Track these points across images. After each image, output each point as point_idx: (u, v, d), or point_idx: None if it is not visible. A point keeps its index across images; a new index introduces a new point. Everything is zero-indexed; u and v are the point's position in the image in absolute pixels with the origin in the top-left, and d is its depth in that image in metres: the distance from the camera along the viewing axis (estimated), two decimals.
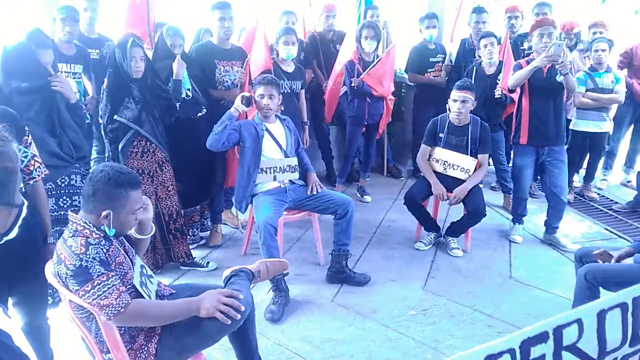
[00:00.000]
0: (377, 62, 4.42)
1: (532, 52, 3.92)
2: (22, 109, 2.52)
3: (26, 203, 1.12)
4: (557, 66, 3.50)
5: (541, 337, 1.29)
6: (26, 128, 2.11)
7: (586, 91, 4.55)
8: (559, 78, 3.61)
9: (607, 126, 4.76)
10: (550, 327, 1.32)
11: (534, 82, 3.70)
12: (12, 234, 1.10)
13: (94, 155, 4.16)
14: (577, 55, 5.06)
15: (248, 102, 3.31)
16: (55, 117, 2.71)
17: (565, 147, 4.98)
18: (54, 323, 2.33)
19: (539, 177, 4.34)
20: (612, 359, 1.42)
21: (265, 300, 3.09)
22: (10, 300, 2.11)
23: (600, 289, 2.50)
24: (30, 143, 2.11)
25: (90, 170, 2.29)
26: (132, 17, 4.00)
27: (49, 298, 2.67)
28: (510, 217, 4.25)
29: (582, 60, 5.01)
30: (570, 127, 4.85)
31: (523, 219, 4.14)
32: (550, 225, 4.01)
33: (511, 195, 4.40)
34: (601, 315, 1.39)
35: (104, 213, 1.81)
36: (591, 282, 2.47)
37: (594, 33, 4.92)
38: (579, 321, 1.35)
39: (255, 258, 3.45)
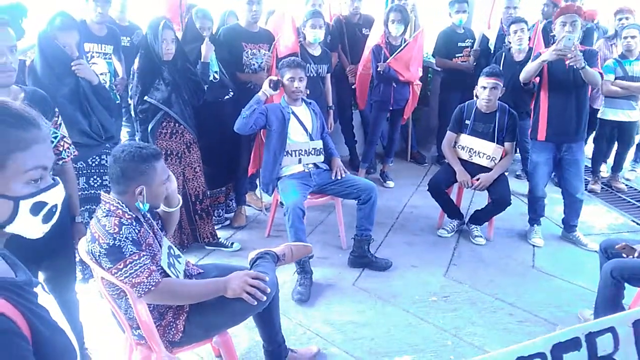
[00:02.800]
0: (404, 47, 4.38)
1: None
2: (55, 90, 2.57)
3: (29, 199, 1.04)
4: (568, 61, 3.26)
5: (573, 344, 1.27)
6: (56, 109, 2.14)
7: (615, 79, 4.44)
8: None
9: (636, 115, 4.65)
10: (581, 333, 1.30)
11: (554, 75, 3.50)
12: (12, 227, 1.03)
13: (125, 137, 4.23)
14: (603, 42, 4.93)
15: (276, 85, 3.32)
16: (83, 99, 2.76)
17: (593, 136, 4.95)
18: (83, 298, 2.42)
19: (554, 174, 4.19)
20: None
21: (288, 281, 3.14)
22: (40, 276, 2.19)
23: (627, 284, 2.48)
24: (60, 124, 2.15)
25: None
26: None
27: (80, 274, 2.77)
28: None
29: (608, 48, 4.89)
30: (598, 115, 4.76)
31: (541, 219, 3.94)
32: (568, 223, 3.87)
33: None
34: (637, 325, 1.35)
35: (137, 189, 1.87)
36: (617, 279, 2.44)
37: (620, 19, 4.78)
38: (612, 330, 1.32)
39: (278, 240, 3.53)
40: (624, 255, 2.64)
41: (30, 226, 1.05)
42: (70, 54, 2.71)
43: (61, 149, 2.16)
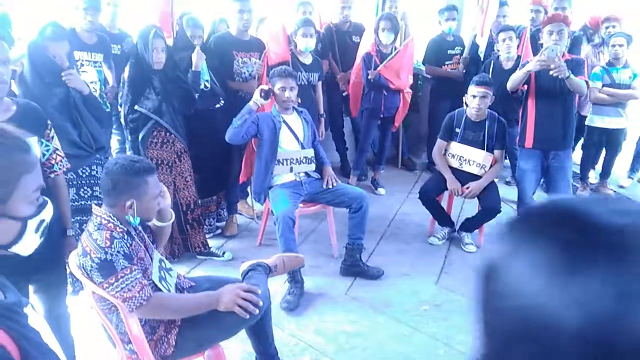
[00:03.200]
0: (394, 55, 4.40)
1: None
2: (45, 100, 2.56)
3: (36, 218, 1.09)
4: (551, 72, 3.26)
5: None
6: (48, 122, 2.13)
7: (603, 86, 4.49)
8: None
9: (623, 122, 4.70)
10: None
11: (541, 83, 3.51)
12: (18, 248, 1.07)
13: (115, 145, 4.20)
14: (590, 50, 4.99)
15: (267, 95, 3.32)
16: (73, 109, 2.74)
17: (581, 142, 5.00)
18: (75, 311, 2.39)
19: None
20: None
21: (279, 291, 3.13)
22: (30, 289, 2.16)
23: None
24: (53, 137, 2.13)
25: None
26: (154, 7, 4.00)
27: (70, 286, 2.74)
28: None
29: (595, 55, 4.95)
30: (586, 122, 4.81)
31: None
32: None
33: None
34: None
35: (127, 203, 1.86)
36: None
37: (607, 27, 4.84)
38: None
39: (270, 249, 3.52)
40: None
41: (31, 244, 1.09)
42: (60, 64, 2.69)
43: (53, 161, 2.14)
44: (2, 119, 1.92)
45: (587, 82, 3.50)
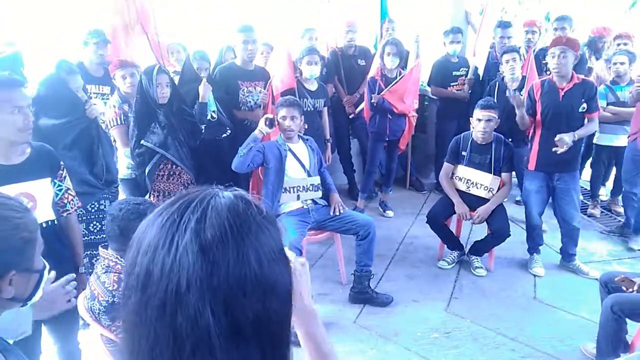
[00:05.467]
0: (399, 79, 4.42)
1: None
2: (58, 138, 2.61)
3: (47, 267, 1.18)
4: (554, 149, 3.46)
5: None
6: (61, 163, 2.18)
7: (607, 105, 4.47)
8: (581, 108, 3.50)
9: None
10: None
11: (547, 109, 3.54)
12: (36, 297, 1.16)
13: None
14: (603, 65, 4.97)
15: (271, 123, 3.35)
16: (94, 142, 2.81)
17: (589, 161, 4.96)
18: (85, 345, 2.41)
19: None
20: None
21: None
22: (43, 327, 2.19)
23: (628, 320, 2.47)
24: (65, 177, 2.19)
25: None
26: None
27: (81, 320, 2.77)
28: None
29: (608, 69, 4.92)
30: (594, 141, 4.78)
31: (540, 247, 3.92)
32: (567, 252, 3.84)
33: None
34: None
35: None
36: (617, 314, 2.44)
37: (618, 45, 4.83)
38: None
39: None
40: (624, 289, 2.64)
41: (39, 295, 1.18)
42: (80, 97, 2.80)
43: (66, 201, 2.20)
44: (18, 162, 1.98)
45: (598, 109, 3.58)
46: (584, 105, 3.50)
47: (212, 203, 0.66)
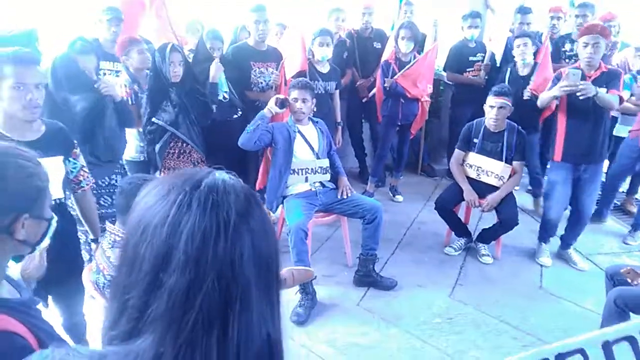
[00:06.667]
0: (413, 63, 4.38)
1: (573, 55, 3.78)
2: (67, 116, 2.65)
3: (55, 217, 1.28)
4: (578, 94, 3.20)
5: None
6: (75, 141, 2.22)
7: (631, 95, 4.37)
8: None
9: None
10: (551, 354, 1.31)
11: (572, 98, 3.36)
12: (44, 244, 1.25)
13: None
14: (632, 52, 4.82)
15: (282, 104, 3.36)
16: (96, 120, 2.83)
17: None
18: (90, 319, 2.48)
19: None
20: None
21: (292, 300, 3.16)
22: (49, 298, 2.26)
23: (631, 314, 2.46)
24: (79, 155, 2.23)
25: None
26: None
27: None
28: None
29: (636, 58, 4.79)
30: (614, 133, 4.69)
31: (550, 238, 3.86)
32: (566, 241, 3.82)
33: (541, 199, 4.26)
34: (607, 347, 1.36)
35: None
36: (621, 308, 2.43)
37: None
38: (582, 351, 1.33)
39: (284, 256, 3.55)
40: (629, 280, 2.63)
41: (47, 242, 1.26)
42: (89, 77, 2.82)
43: (81, 178, 2.25)
44: (33, 139, 2.02)
45: (620, 96, 3.39)
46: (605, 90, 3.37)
47: (218, 182, 0.72)
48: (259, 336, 0.70)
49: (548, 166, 3.96)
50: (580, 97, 3.21)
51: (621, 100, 3.42)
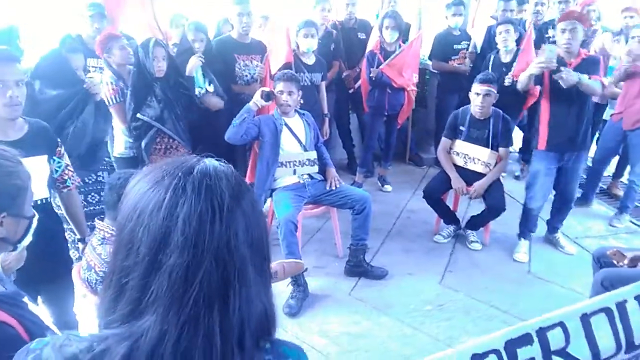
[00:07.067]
0: (398, 53, 4.38)
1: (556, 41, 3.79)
2: (51, 114, 2.63)
3: (36, 215, 1.28)
4: (554, 76, 3.17)
5: (525, 339, 1.31)
6: (58, 140, 2.20)
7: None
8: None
9: None
10: (532, 329, 1.34)
11: (555, 84, 3.29)
12: (26, 241, 1.26)
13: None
14: (609, 37, 4.87)
15: (268, 97, 3.35)
16: (77, 122, 2.82)
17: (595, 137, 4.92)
18: (81, 317, 2.47)
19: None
20: None
21: (284, 292, 3.17)
22: (39, 298, 2.24)
23: None
24: (63, 154, 2.21)
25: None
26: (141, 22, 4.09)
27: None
28: None
29: (616, 43, 4.84)
30: (604, 117, 4.74)
31: (531, 234, 3.80)
32: (552, 225, 3.84)
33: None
34: (585, 320, 1.39)
35: None
36: (607, 289, 2.45)
37: (625, 17, 4.75)
38: (561, 324, 1.36)
39: (273, 250, 3.54)
40: (615, 262, 2.67)
41: (29, 239, 1.27)
42: (78, 76, 2.80)
43: (66, 177, 2.22)
44: (16, 138, 2.00)
45: (602, 82, 3.35)
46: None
47: (210, 168, 0.76)
48: (257, 309, 0.75)
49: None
50: (564, 86, 3.18)
51: (603, 85, 3.42)
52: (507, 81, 4.13)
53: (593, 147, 4.89)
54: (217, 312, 0.70)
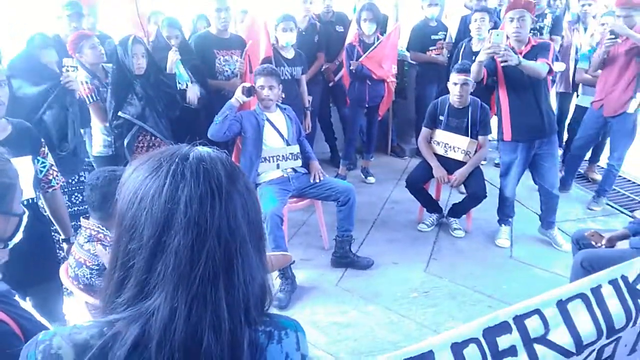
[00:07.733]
0: (377, 45, 4.41)
1: (532, 29, 3.84)
2: (34, 111, 2.60)
3: (27, 213, 1.27)
4: (498, 58, 3.14)
5: (503, 327, 1.30)
6: (42, 140, 2.18)
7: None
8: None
9: None
10: (509, 317, 1.33)
11: (507, 73, 3.33)
12: (16, 239, 1.25)
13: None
14: (566, 26, 4.97)
15: (249, 92, 3.35)
16: (70, 114, 2.79)
17: (567, 123, 5.03)
18: (70, 317, 2.46)
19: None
20: (591, 352, 1.43)
21: (272, 285, 3.19)
22: (28, 301, 2.23)
23: None
24: (47, 154, 2.19)
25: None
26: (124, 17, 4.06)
27: (66, 288, 2.82)
28: None
29: (571, 31, 4.94)
30: (577, 102, 4.84)
31: (510, 219, 3.85)
32: (546, 220, 3.80)
33: None
34: (562, 306, 1.39)
35: None
36: (587, 269, 2.53)
37: (583, 5, 4.86)
38: (538, 312, 1.36)
39: None
40: (593, 243, 2.75)
41: (19, 236, 1.26)
42: (52, 71, 2.77)
43: (51, 177, 2.21)
44: (0, 139, 1.97)
45: (549, 64, 3.31)
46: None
47: (204, 154, 0.79)
48: (257, 284, 0.81)
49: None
50: (502, 64, 3.18)
51: (550, 69, 3.36)
52: None
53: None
54: (223, 287, 0.74)
